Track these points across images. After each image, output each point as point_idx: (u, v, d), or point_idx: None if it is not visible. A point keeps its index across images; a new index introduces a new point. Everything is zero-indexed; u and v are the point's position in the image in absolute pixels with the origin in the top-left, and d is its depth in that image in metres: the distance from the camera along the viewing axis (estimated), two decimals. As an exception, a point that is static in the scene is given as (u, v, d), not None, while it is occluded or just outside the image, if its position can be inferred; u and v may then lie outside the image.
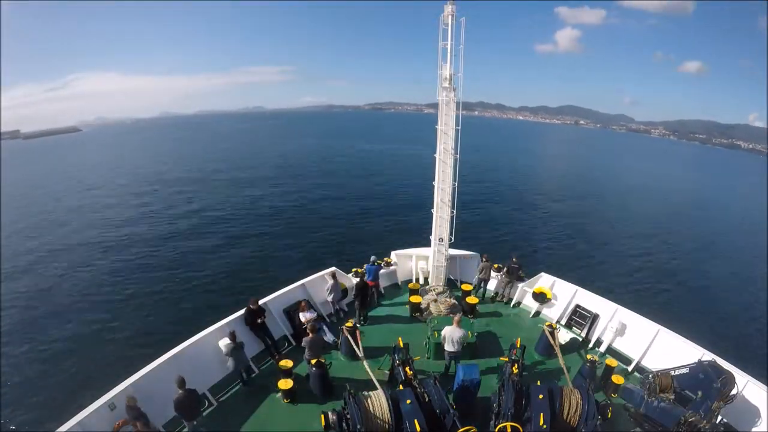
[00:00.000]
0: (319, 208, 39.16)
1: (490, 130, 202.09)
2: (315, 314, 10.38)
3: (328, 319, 11.15)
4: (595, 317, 10.89)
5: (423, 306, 11.63)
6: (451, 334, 8.60)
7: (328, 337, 10.05)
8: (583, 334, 10.76)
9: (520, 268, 12.54)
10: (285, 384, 8.14)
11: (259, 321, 9.46)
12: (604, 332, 10.55)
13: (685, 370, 7.23)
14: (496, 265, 12.94)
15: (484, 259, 12.52)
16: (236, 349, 8.34)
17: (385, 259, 13.71)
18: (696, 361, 7.63)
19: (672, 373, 7.36)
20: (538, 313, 11.97)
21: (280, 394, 8.25)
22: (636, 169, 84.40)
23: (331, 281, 11.00)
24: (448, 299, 11.92)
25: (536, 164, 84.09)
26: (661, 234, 36.01)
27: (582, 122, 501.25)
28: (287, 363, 8.72)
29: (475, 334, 9.84)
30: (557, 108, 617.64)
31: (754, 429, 7.54)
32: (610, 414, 7.04)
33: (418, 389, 6.90)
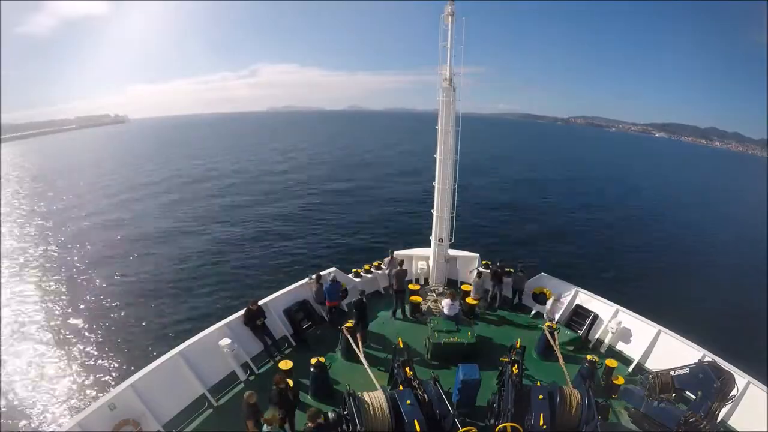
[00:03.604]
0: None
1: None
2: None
3: (327, 319, 11.17)
4: (595, 318, 10.89)
5: (423, 306, 11.63)
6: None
7: None
8: (583, 335, 10.75)
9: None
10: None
11: (258, 322, 9.46)
12: (604, 333, 10.54)
13: (685, 371, 7.21)
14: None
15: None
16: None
17: (385, 259, 13.70)
18: (696, 361, 7.64)
19: (672, 373, 7.36)
20: (538, 313, 11.97)
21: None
22: None
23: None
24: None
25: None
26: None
27: None
28: (287, 364, 8.70)
29: (475, 334, 9.84)
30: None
31: (754, 429, 7.54)
32: (609, 414, 7.03)
33: (418, 390, 6.89)
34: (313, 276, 11.30)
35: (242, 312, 9.59)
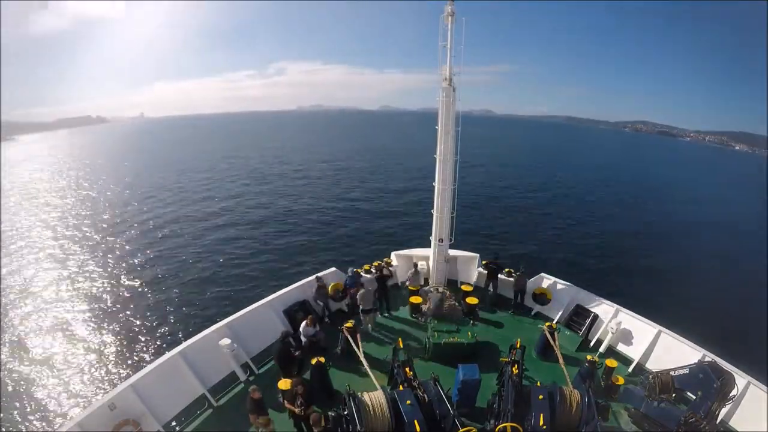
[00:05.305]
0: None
1: None
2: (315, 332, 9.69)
3: (327, 320, 11.17)
4: (595, 318, 10.89)
5: (423, 307, 11.63)
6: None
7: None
8: (583, 335, 10.75)
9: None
10: (285, 384, 8.13)
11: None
12: (604, 333, 10.54)
13: (685, 371, 7.22)
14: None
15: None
16: None
17: (385, 259, 13.69)
18: (696, 361, 7.64)
19: (672, 373, 7.36)
20: (538, 314, 11.96)
21: (279, 395, 8.26)
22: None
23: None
24: (448, 300, 11.91)
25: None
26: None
27: None
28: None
29: (475, 334, 9.84)
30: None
31: (754, 429, 7.54)
32: (610, 415, 7.03)
33: (418, 390, 6.89)
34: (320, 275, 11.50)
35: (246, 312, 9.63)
